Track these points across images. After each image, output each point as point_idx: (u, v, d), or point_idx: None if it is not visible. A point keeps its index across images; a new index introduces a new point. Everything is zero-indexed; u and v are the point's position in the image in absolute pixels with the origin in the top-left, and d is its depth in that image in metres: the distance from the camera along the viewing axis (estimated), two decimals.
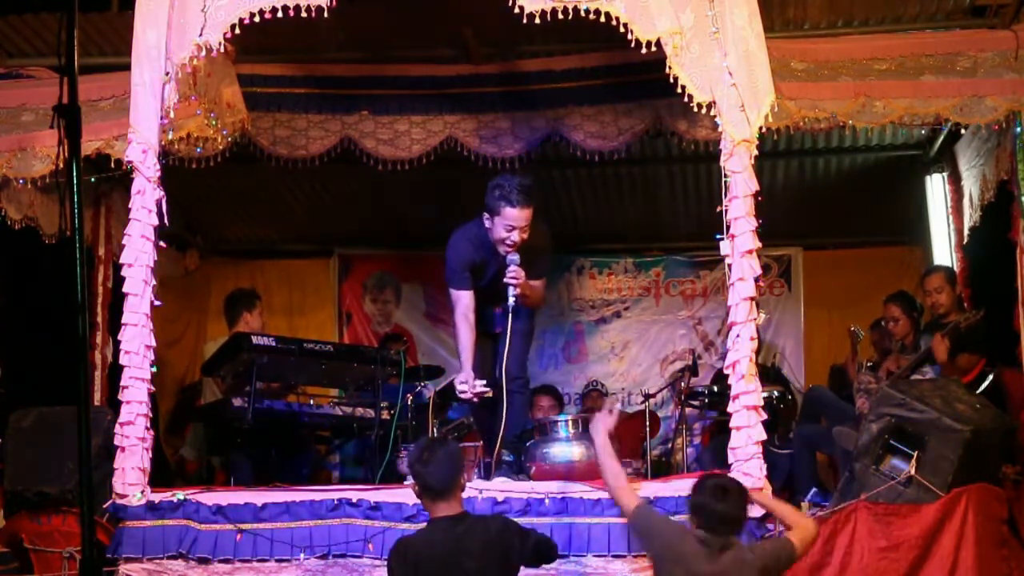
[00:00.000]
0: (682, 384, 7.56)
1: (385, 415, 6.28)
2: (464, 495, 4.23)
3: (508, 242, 5.23)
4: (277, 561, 4.78)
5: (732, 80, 4.60)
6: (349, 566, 4.75)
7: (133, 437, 4.77)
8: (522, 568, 4.11)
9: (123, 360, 4.82)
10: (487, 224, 5.31)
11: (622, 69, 6.29)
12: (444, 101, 6.66)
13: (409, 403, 6.39)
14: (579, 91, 6.52)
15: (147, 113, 4.85)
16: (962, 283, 6.89)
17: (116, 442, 4.81)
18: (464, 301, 5.40)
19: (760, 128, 4.67)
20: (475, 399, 5.24)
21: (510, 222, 5.18)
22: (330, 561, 4.76)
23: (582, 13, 4.58)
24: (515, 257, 5.25)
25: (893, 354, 6.66)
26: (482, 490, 4.76)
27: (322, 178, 7.93)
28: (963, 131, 6.65)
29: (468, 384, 5.21)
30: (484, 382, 5.23)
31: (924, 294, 6.71)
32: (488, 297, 5.47)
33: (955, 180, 7.23)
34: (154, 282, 4.89)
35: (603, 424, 4.42)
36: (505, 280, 5.26)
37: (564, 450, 5.30)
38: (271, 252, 9.53)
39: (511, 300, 5.25)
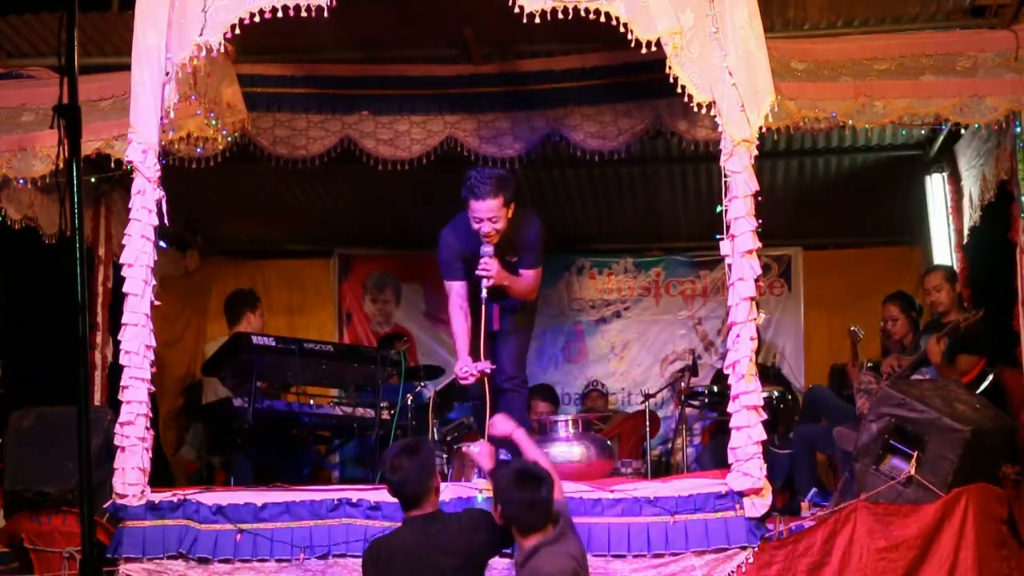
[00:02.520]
0: (682, 384, 7.57)
1: (385, 415, 6.29)
2: (463, 495, 4.24)
3: (482, 232, 5.21)
4: (277, 561, 4.79)
5: (732, 80, 4.60)
6: (349, 566, 4.75)
7: (133, 437, 4.78)
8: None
9: (123, 360, 4.82)
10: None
11: (622, 69, 6.29)
12: (444, 101, 6.65)
13: (409, 403, 6.40)
14: (579, 91, 6.51)
15: (147, 113, 4.85)
16: (962, 283, 6.89)
17: (116, 442, 4.81)
18: (456, 290, 5.40)
19: (760, 128, 4.66)
20: (475, 380, 5.17)
21: (475, 213, 5.16)
22: (330, 561, 4.77)
23: (582, 13, 4.58)
24: (488, 249, 5.21)
25: (893, 354, 6.66)
26: (482, 490, 4.76)
27: (322, 178, 7.92)
28: (963, 131, 6.65)
29: (468, 368, 5.17)
30: (487, 363, 5.18)
31: (924, 293, 6.71)
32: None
33: (955, 180, 7.22)
34: (154, 282, 4.90)
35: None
36: (476, 272, 5.24)
37: (564, 450, 5.31)
38: (271, 252, 9.53)
39: (483, 292, 5.24)
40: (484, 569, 4.19)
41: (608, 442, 5.75)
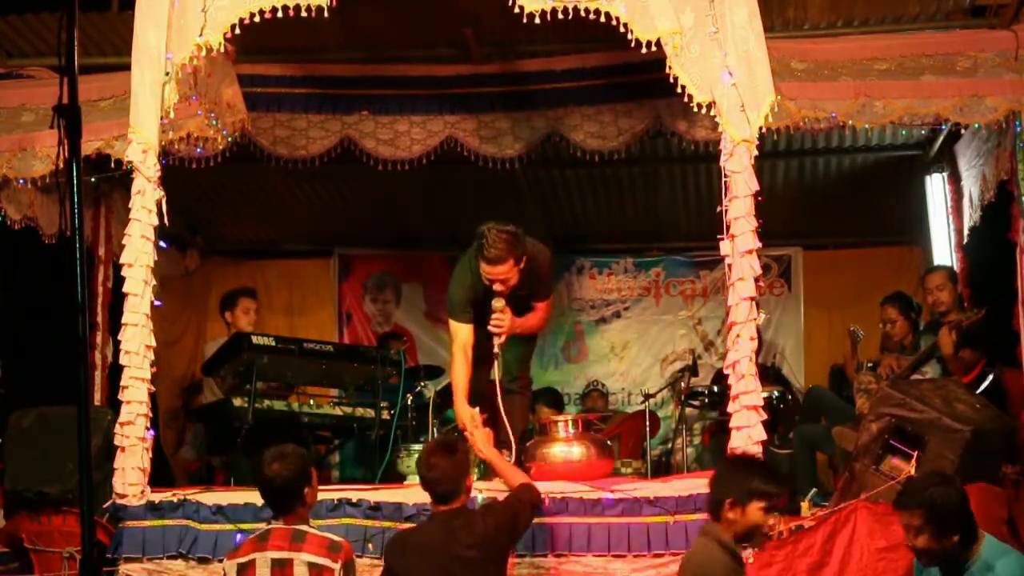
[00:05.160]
0: (682, 384, 7.56)
1: (385, 415, 6.29)
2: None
3: (493, 288, 5.09)
4: None
5: (732, 80, 4.60)
6: None
7: (133, 437, 4.78)
8: None
9: (123, 360, 4.82)
10: None
11: (622, 69, 6.29)
12: (444, 101, 6.66)
13: (409, 403, 6.40)
14: (579, 91, 6.52)
15: (147, 113, 4.85)
16: (962, 283, 6.89)
17: (116, 442, 4.81)
18: (463, 334, 5.21)
19: (760, 128, 4.66)
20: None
21: (487, 275, 5.04)
22: None
23: (582, 13, 4.59)
24: (499, 304, 5.08)
25: (892, 354, 6.66)
26: (482, 490, 4.75)
27: (322, 178, 7.92)
28: (963, 131, 6.65)
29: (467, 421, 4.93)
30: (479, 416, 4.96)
31: (925, 292, 6.71)
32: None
33: (955, 180, 7.23)
34: (154, 282, 4.90)
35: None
36: (488, 328, 5.11)
37: (564, 450, 5.29)
38: (271, 252, 9.52)
39: (496, 349, 5.09)
40: (506, 561, 4.27)
41: (608, 442, 5.73)
